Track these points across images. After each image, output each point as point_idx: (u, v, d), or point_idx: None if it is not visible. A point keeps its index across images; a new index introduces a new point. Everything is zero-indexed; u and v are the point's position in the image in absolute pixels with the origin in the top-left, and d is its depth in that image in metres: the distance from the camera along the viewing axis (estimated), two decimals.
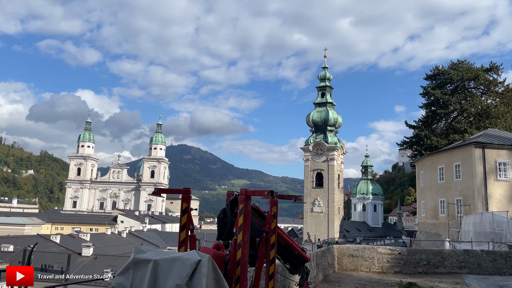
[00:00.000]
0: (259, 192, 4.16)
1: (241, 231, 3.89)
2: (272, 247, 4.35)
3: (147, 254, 3.15)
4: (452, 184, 31.58)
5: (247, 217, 3.98)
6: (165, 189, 4.31)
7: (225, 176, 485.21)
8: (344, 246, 12.39)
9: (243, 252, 3.86)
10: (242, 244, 3.88)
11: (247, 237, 3.92)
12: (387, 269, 12.28)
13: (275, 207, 4.50)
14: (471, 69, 48.66)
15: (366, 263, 12.23)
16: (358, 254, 12.29)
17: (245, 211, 3.99)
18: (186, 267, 2.93)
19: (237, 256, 3.86)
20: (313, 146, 78.96)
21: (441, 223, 32.31)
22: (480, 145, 29.56)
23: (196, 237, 4.38)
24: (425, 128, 49.68)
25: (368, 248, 12.39)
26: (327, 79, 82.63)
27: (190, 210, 4.25)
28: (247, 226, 3.94)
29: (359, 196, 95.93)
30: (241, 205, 4.08)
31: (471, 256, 13.24)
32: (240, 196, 4.18)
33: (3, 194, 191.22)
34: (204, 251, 3.80)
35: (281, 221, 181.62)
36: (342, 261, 12.21)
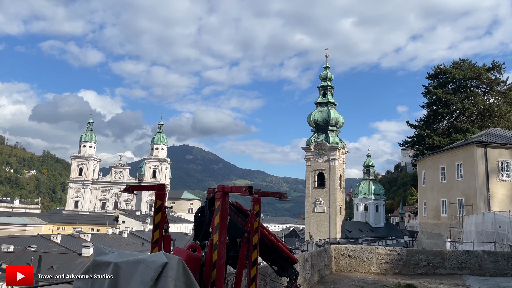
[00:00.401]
0: (237, 189, 3.88)
1: (218, 230, 3.61)
2: (254, 248, 4.08)
3: (108, 256, 2.88)
4: (454, 183, 31.22)
5: (224, 216, 3.70)
6: (137, 186, 4.04)
7: (227, 176, 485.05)
8: (342, 246, 12.11)
9: (220, 254, 3.57)
10: (218, 245, 3.58)
11: (224, 237, 3.65)
12: (385, 270, 11.99)
13: (257, 204, 4.23)
14: (473, 68, 48.22)
15: (364, 264, 11.95)
16: (356, 255, 12.01)
17: (222, 209, 3.72)
18: (150, 270, 2.67)
19: (213, 258, 3.58)
20: (315, 146, 78.68)
21: (442, 223, 31.95)
22: (482, 144, 29.19)
23: (171, 237, 4.10)
24: (427, 127, 49.28)
25: (366, 248, 12.11)
26: (329, 78, 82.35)
27: (164, 208, 3.98)
28: (224, 225, 3.66)
29: (361, 196, 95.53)
30: (218, 203, 3.80)
31: (472, 257, 12.94)
32: (217, 192, 3.91)
33: (6, 194, 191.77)
34: (178, 252, 3.55)
35: (283, 221, 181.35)
36: (339, 262, 11.93)
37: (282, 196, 4.44)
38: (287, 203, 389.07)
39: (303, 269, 7.85)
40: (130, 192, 3.87)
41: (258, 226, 4.13)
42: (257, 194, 4.27)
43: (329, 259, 11.24)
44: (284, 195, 4.44)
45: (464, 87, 49.03)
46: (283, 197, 4.43)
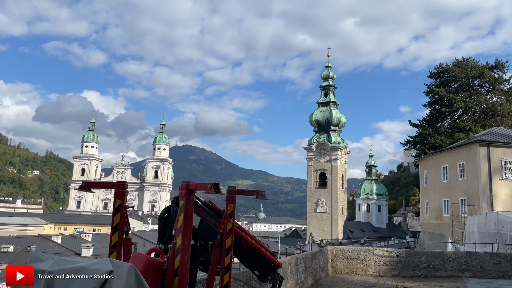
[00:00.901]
0: (202, 186, 3.49)
1: (181, 233, 3.23)
2: (228, 251, 3.71)
3: (43, 263, 2.52)
4: (456, 183, 30.74)
5: (188, 216, 3.31)
6: (94, 183, 3.67)
7: (229, 176, 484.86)
8: (339, 247, 11.74)
9: (183, 259, 3.19)
10: (181, 249, 3.20)
11: (188, 241, 3.27)
12: (384, 272, 11.61)
13: (231, 204, 3.88)
14: (476, 67, 47.67)
15: (362, 265, 11.57)
16: (354, 256, 11.63)
17: (186, 209, 3.33)
18: (90, 281, 2.30)
19: (175, 264, 3.21)
20: (316, 146, 78.25)
21: (445, 224, 31.49)
22: (485, 143, 28.71)
23: (132, 240, 3.73)
24: (429, 127, 48.77)
25: (364, 250, 11.72)
26: (331, 78, 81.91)
27: (124, 208, 3.61)
28: (188, 227, 3.28)
29: (363, 196, 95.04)
30: (182, 202, 3.43)
31: (474, 258, 12.54)
32: (181, 190, 3.54)
33: (9, 194, 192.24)
34: (136, 258, 3.19)
35: (285, 221, 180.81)
36: (336, 264, 11.55)
37: (259, 195, 4.08)
38: (290, 203, 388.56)
39: (295, 272, 7.49)
40: (87, 190, 3.51)
41: (232, 228, 3.77)
42: (231, 193, 3.91)
43: (325, 261, 10.86)
44: (262, 193, 4.08)
45: (466, 86, 48.49)
46: (260, 196, 4.07)
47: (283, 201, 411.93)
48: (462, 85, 48.72)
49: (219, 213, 4.02)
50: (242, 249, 4.28)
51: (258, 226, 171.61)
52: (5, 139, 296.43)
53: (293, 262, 7.34)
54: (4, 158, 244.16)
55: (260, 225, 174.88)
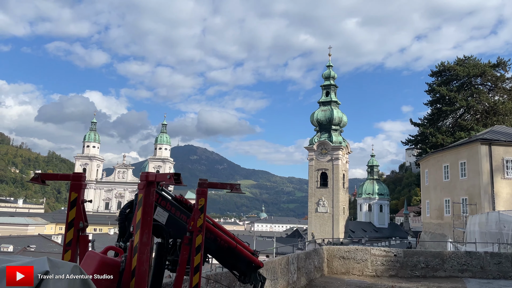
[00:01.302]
0: (162, 176, 3.19)
1: (139, 229, 2.94)
2: (198, 250, 3.42)
3: None
4: (457, 182, 30.38)
5: (147, 211, 3.02)
6: (48, 174, 3.39)
7: (231, 176, 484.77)
8: (335, 247, 11.44)
9: (140, 259, 2.90)
10: (139, 247, 2.91)
11: (148, 238, 2.97)
12: (381, 272, 11.31)
13: (203, 198, 3.58)
14: (477, 65, 47.20)
15: (359, 265, 11.28)
16: (350, 256, 11.33)
17: (146, 203, 3.04)
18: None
19: (132, 263, 2.93)
20: (318, 146, 77.87)
21: (446, 223, 31.13)
22: (487, 142, 28.34)
23: (90, 238, 3.44)
24: (431, 125, 48.32)
25: (361, 249, 11.43)
26: (332, 77, 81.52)
27: (81, 202, 3.32)
28: (147, 223, 2.98)
29: (365, 196, 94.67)
30: (140, 195, 3.14)
31: (474, 258, 12.23)
32: (140, 182, 3.25)
33: (11, 194, 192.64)
34: (89, 257, 2.92)
35: (287, 221, 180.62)
36: (332, 263, 11.26)
37: (234, 188, 3.79)
38: (292, 203, 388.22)
39: (286, 272, 7.21)
40: (39, 182, 3.23)
41: (203, 224, 3.49)
42: (202, 186, 3.63)
43: (321, 260, 10.57)
44: (237, 187, 3.79)
45: (468, 85, 48.03)
46: (235, 189, 3.78)
47: (285, 201, 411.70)
48: (464, 84, 48.26)
49: (191, 208, 3.74)
50: (218, 247, 4.00)
51: (260, 226, 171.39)
52: (7, 139, 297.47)
53: (284, 262, 7.05)
54: (6, 158, 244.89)
55: (262, 225, 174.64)
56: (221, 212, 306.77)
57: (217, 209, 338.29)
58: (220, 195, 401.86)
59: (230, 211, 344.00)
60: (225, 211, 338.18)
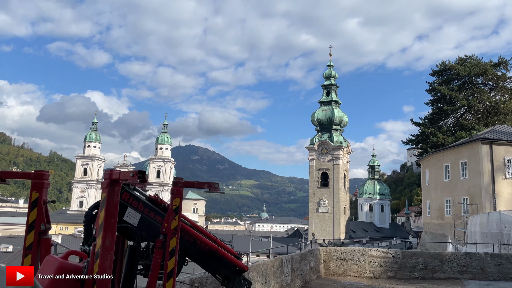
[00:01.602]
0: (125, 174, 2.97)
1: (102, 232, 2.70)
2: (172, 254, 3.21)
3: None
4: (458, 182, 30.12)
5: (111, 212, 2.77)
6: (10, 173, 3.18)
7: (232, 176, 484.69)
8: (332, 248, 11.23)
9: (102, 265, 2.66)
10: (101, 252, 2.68)
11: (111, 242, 2.73)
12: (379, 273, 11.10)
13: (178, 198, 3.37)
14: (479, 64, 46.85)
15: (356, 267, 11.07)
16: (347, 257, 11.12)
17: (109, 203, 2.81)
18: None
19: (94, 269, 2.69)
20: (318, 145, 77.64)
21: (447, 224, 30.88)
22: (488, 141, 28.07)
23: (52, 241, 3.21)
24: (431, 125, 48.02)
25: (358, 250, 11.22)
26: (333, 77, 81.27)
27: (43, 203, 3.10)
28: (110, 225, 2.73)
29: (366, 196, 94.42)
30: (104, 194, 2.93)
31: (474, 259, 11.99)
32: (103, 181, 3.03)
33: (12, 194, 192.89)
34: (47, 263, 2.71)
35: (288, 221, 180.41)
36: (329, 265, 11.05)
37: (212, 187, 3.58)
38: (293, 203, 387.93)
39: (279, 274, 6.99)
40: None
41: (177, 226, 3.28)
42: (177, 185, 3.41)
43: (317, 262, 10.37)
44: (215, 186, 3.58)
45: (469, 84, 47.70)
46: (213, 189, 3.57)
47: (286, 201, 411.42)
48: (465, 83, 47.93)
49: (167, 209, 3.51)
50: (197, 251, 3.78)
51: (261, 226, 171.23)
52: (8, 139, 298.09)
53: (276, 264, 6.83)
54: (8, 158, 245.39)
55: (263, 225, 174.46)
56: (222, 212, 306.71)
57: (218, 209, 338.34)
58: (221, 195, 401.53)
59: (231, 211, 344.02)
60: (226, 211, 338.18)
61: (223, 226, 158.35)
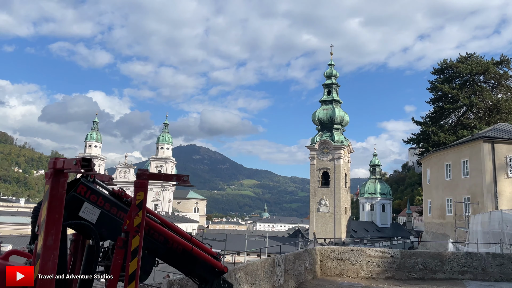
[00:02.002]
0: (68, 163, 2.66)
1: (44, 230, 2.41)
2: (134, 254, 2.91)
3: None
4: (459, 181, 29.75)
5: (55, 206, 2.47)
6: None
7: (234, 176, 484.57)
8: (328, 248, 10.92)
9: (44, 266, 2.38)
10: (42, 252, 2.39)
11: (55, 241, 2.40)
12: (377, 274, 10.79)
13: (141, 192, 3.07)
14: (480, 63, 46.38)
15: (353, 267, 10.77)
16: (344, 257, 10.82)
17: (53, 196, 2.53)
18: None
19: (35, 272, 2.41)
20: (319, 145, 77.30)
21: (448, 223, 30.52)
22: (490, 139, 27.69)
23: None
24: (433, 124, 47.59)
25: (356, 250, 10.91)
26: (333, 76, 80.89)
27: None
28: (53, 221, 2.41)
29: (367, 195, 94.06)
30: (47, 186, 2.64)
31: (475, 259, 11.67)
32: (47, 171, 2.74)
33: (14, 194, 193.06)
34: None
35: (289, 221, 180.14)
36: (325, 265, 10.75)
37: (181, 180, 3.28)
38: (295, 203, 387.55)
39: (271, 275, 6.68)
40: None
41: (141, 223, 2.98)
42: (141, 177, 3.12)
43: (312, 262, 10.07)
44: (184, 179, 3.28)
45: (471, 82, 47.26)
46: (182, 181, 3.27)
47: (288, 201, 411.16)
48: (467, 81, 47.50)
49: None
50: (169, 251, 3.48)
51: (262, 226, 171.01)
52: (10, 139, 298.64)
53: (268, 264, 6.51)
54: (9, 158, 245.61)
55: (264, 225, 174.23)
56: (224, 212, 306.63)
57: (219, 208, 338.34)
58: (222, 195, 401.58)
59: (232, 210, 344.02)
60: (227, 210, 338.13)
61: (224, 226, 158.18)
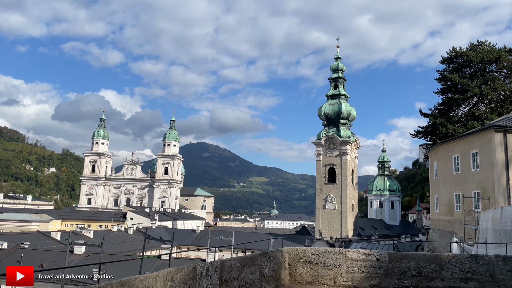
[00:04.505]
0: None
1: None
2: None
3: None
4: (468, 175, 27.44)
5: None
6: None
7: (243, 173, 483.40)
8: (300, 249, 9.03)
9: None
10: None
11: None
12: (359, 281, 8.89)
13: None
14: (492, 50, 43.73)
15: (330, 273, 8.88)
16: (319, 261, 8.91)
17: None
18: None
19: None
20: (325, 140, 75.19)
21: (456, 220, 28.27)
22: (501, 129, 25.31)
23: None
24: (441, 116, 45.06)
25: (333, 252, 8.98)
26: (340, 70, 78.63)
27: None
28: None
29: (376, 192, 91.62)
30: None
31: (481, 263, 9.61)
32: None
33: (26, 191, 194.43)
34: None
35: (297, 218, 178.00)
36: (296, 270, 8.87)
37: None
38: (304, 200, 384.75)
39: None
40: None
41: None
42: None
43: (276, 267, 8.21)
44: None
45: (482, 71, 44.57)
46: None
47: (298, 198, 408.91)
48: (477, 71, 44.82)
49: None
50: None
51: (270, 223, 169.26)
52: (22, 137, 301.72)
53: (181, 276, 4.53)
54: (21, 156, 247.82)
55: (272, 222, 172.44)
56: (233, 209, 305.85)
57: (229, 206, 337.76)
58: (232, 192, 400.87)
59: (242, 208, 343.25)
60: (237, 208, 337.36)
61: (231, 223, 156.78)
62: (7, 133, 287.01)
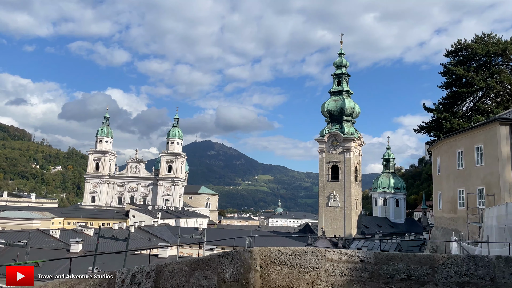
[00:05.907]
0: None
1: None
2: None
3: None
4: (472, 170, 26.24)
5: None
6: None
7: (249, 171, 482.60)
8: (273, 249, 8.03)
9: None
10: None
11: None
12: (340, 285, 7.88)
13: None
14: (498, 43, 42.28)
15: (308, 276, 7.87)
16: (295, 262, 7.90)
17: None
18: None
19: None
20: (328, 137, 74.02)
21: (459, 217, 27.09)
22: (507, 122, 24.04)
23: None
24: (445, 110, 43.72)
25: (311, 252, 7.96)
26: (343, 66, 77.32)
27: None
28: None
29: (380, 190, 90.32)
30: None
31: (480, 265, 8.50)
32: None
33: (32, 189, 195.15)
34: None
35: (302, 216, 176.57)
36: (268, 273, 7.87)
37: None
38: (310, 198, 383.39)
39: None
40: None
41: None
42: None
43: (243, 269, 7.23)
44: None
45: (488, 64, 43.15)
46: None
47: (303, 196, 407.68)
48: (483, 64, 43.38)
49: None
50: None
51: (274, 221, 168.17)
52: (28, 135, 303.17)
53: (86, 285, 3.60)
54: (27, 154, 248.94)
55: (276, 220, 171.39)
56: (238, 207, 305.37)
57: (234, 204, 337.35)
58: (238, 190, 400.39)
59: (247, 206, 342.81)
60: (242, 206, 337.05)
61: (235, 221, 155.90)
62: (14, 132, 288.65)
